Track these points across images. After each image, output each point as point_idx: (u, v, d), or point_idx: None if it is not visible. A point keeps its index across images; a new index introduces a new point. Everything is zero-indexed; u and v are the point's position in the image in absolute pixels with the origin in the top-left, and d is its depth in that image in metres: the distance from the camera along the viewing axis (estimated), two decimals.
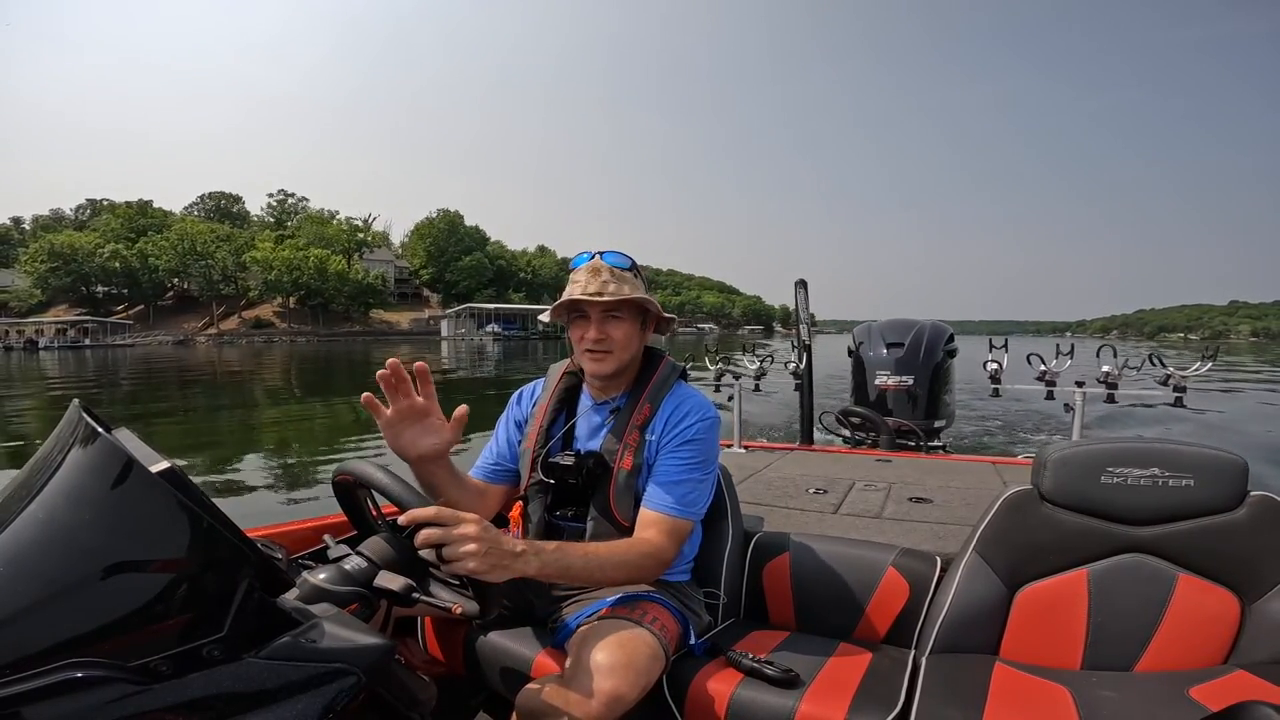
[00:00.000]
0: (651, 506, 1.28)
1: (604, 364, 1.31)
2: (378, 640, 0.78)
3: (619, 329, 1.30)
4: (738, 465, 2.83)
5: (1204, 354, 3.76)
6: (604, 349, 1.30)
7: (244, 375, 23.25)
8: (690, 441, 1.31)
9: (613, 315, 1.29)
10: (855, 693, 1.17)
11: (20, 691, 0.58)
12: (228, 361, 31.53)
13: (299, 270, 66.00)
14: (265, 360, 32.79)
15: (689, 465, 1.30)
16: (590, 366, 1.34)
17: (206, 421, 11.60)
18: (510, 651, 1.30)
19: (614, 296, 1.26)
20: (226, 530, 0.70)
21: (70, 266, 62.55)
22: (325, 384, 19.98)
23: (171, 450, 4.44)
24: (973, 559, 1.36)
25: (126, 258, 65.24)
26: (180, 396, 15.63)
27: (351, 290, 71.27)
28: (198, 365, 28.85)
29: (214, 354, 40.40)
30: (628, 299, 1.27)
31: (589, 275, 1.29)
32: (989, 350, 4.69)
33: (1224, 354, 7.05)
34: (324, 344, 55.80)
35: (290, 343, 59.10)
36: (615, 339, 1.30)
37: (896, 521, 1.96)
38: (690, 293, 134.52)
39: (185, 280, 70.97)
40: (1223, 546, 1.24)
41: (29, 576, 0.63)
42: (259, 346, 51.99)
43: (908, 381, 4.71)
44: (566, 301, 1.29)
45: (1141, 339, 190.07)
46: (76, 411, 0.78)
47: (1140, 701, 1.10)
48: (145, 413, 12.04)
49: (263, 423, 11.47)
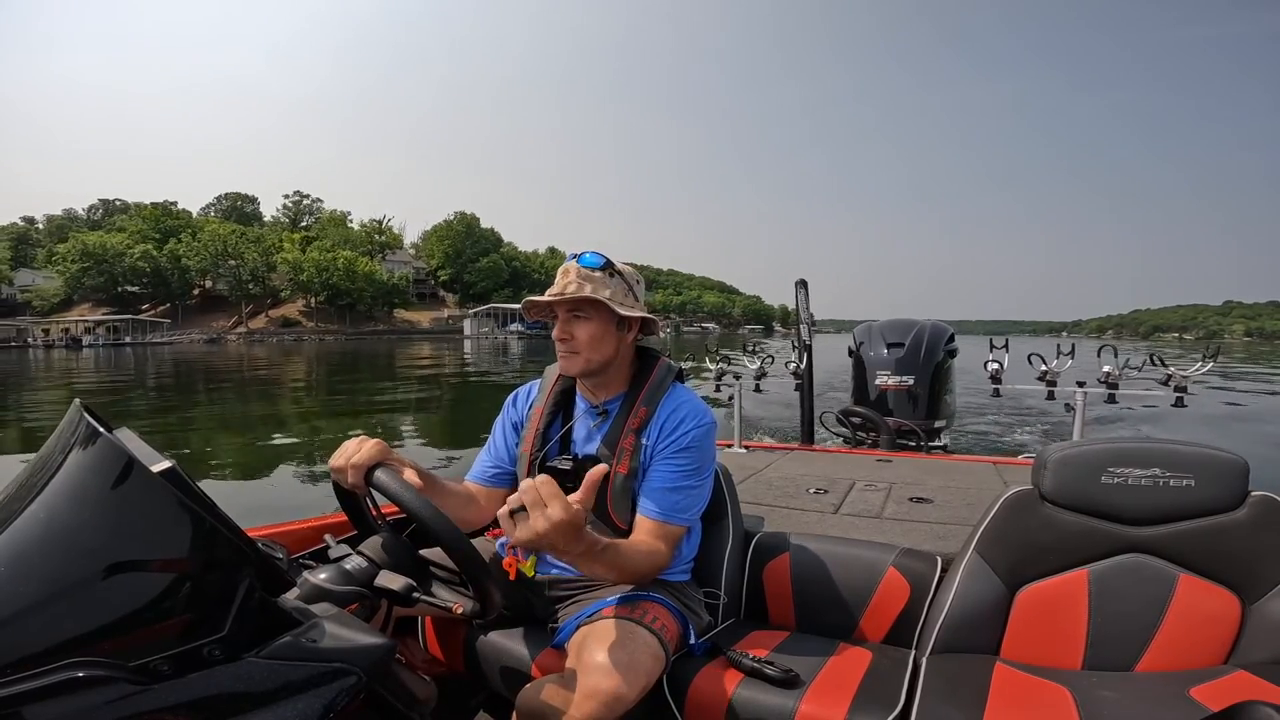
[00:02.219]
0: (648, 514, 1.29)
1: (570, 363, 1.33)
2: (378, 640, 0.78)
3: (584, 328, 1.30)
4: (738, 465, 2.83)
5: (1204, 354, 3.76)
6: (569, 349, 1.31)
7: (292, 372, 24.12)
8: (686, 449, 1.31)
9: (576, 315, 1.30)
10: (856, 693, 1.17)
11: (21, 691, 0.58)
12: (267, 359, 32.49)
13: (329, 271, 69.35)
14: (304, 357, 34.11)
15: (685, 472, 1.31)
16: (559, 364, 1.36)
17: (294, 416, 12.20)
18: (510, 651, 1.30)
19: (572, 295, 1.27)
20: (227, 530, 0.70)
21: (102, 266, 64.95)
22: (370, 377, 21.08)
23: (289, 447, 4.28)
24: (973, 559, 1.36)
25: (156, 258, 67.97)
26: (261, 395, 16.21)
27: (377, 290, 74.58)
28: (242, 362, 29.84)
29: (245, 351, 41.56)
30: (586, 298, 1.27)
31: (560, 276, 1.31)
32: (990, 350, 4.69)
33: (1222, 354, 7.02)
34: (351, 342, 58.03)
35: (319, 341, 61.34)
36: (579, 338, 1.30)
37: (897, 521, 1.96)
38: (691, 293, 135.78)
39: (215, 280, 73.72)
40: (1223, 547, 1.24)
41: (30, 576, 0.63)
42: (289, 345, 53.70)
43: (908, 381, 4.71)
44: (528, 302, 1.33)
45: (1137, 339, 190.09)
46: (77, 411, 0.78)
47: (1141, 702, 1.10)
48: (253, 413, 12.39)
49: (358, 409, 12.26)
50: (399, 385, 17.82)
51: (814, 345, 4.55)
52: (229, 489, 6.09)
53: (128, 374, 22.80)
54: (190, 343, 56.30)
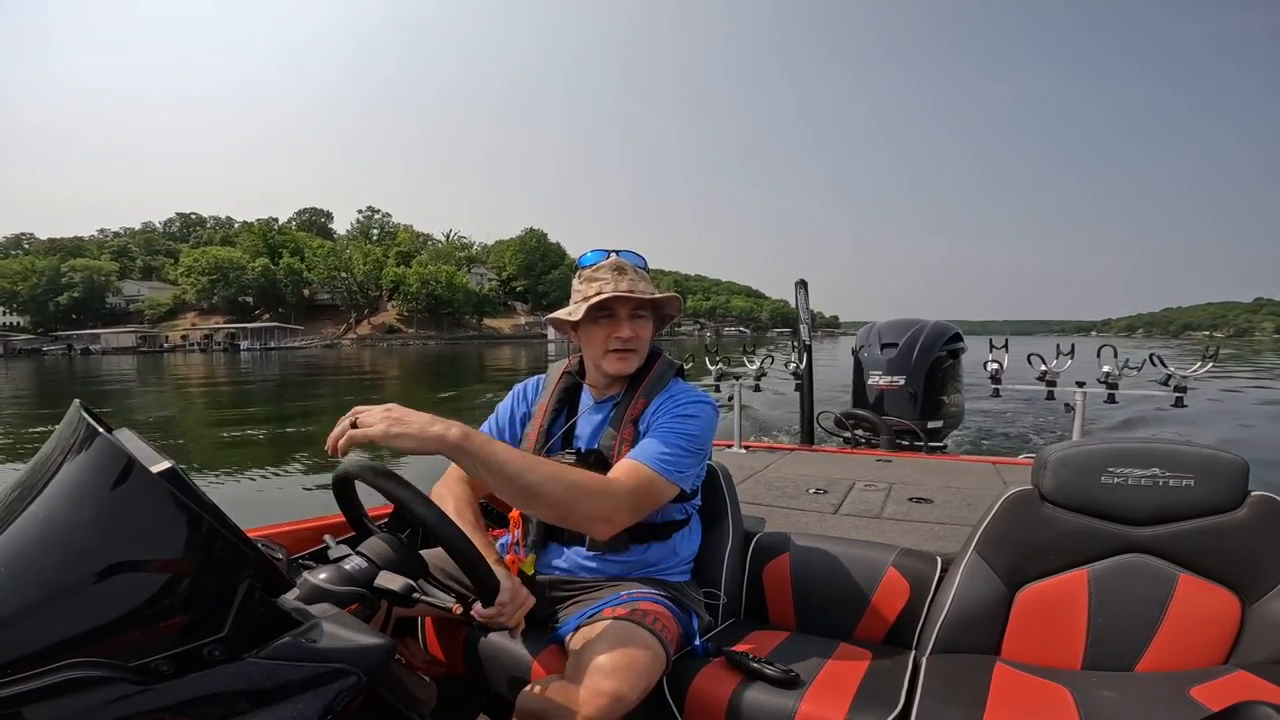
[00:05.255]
0: (630, 456, 1.19)
1: (628, 363, 1.32)
2: (378, 640, 0.78)
3: (645, 328, 1.31)
4: (738, 465, 2.83)
5: (1204, 353, 3.76)
6: (631, 348, 1.30)
7: (418, 371, 28.08)
8: (681, 416, 1.26)
9: (639, 314, 1.30)
10: (856, 693, 1.17)
11: (21, 691, 0.58)
12: (391, 361, 37.13)
13: (432, 283, 78.89)
14: (419, 359, 39.44)
15: (678, 433, 1.23)
16: (615, 366, 1.32)
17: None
18: (511, 652, 1.30)
19: (645, 295, 1.27)
20: (227, 530, 0.70)
21: (230, 278, 74.54)
22: (480, 373, 24.84)
23: None
24: (973, 559, 1.36)
25: (274, 270, 77.34)
26: (417, 385, 20.02)
27: (469, 300, 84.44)
28: (373, 364, 34.07)
29: (364, 355, 47.39)
30: (653, 298, 1.29)
31: (614, 273, 1.28)
32: (989, 350, 4.69)
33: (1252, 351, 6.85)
34: (449, 346, 64.85)
35: (423, 345, 67.50)
36: (641, 338, 1.31)
37: (897, 521, 1.96)
38: (719, 297, 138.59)
39: (330, 291, 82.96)
40: (1223, 546, 1.23)
41: (30, 576, 0.63)
42: (396, 349, 60.55)
43: (899, 381, 4.71)
44: (599, 300, 1.26)
45: (1167, 337, 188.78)
46: (77, 412, 0.78)
47: (1141, 702, 1.10)
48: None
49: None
50: (516, 374, 20.43)
51: (834, 348, 4.56)
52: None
53: (303, 372, 27.16)
54: (316, 348, 63.60)
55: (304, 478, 6.91)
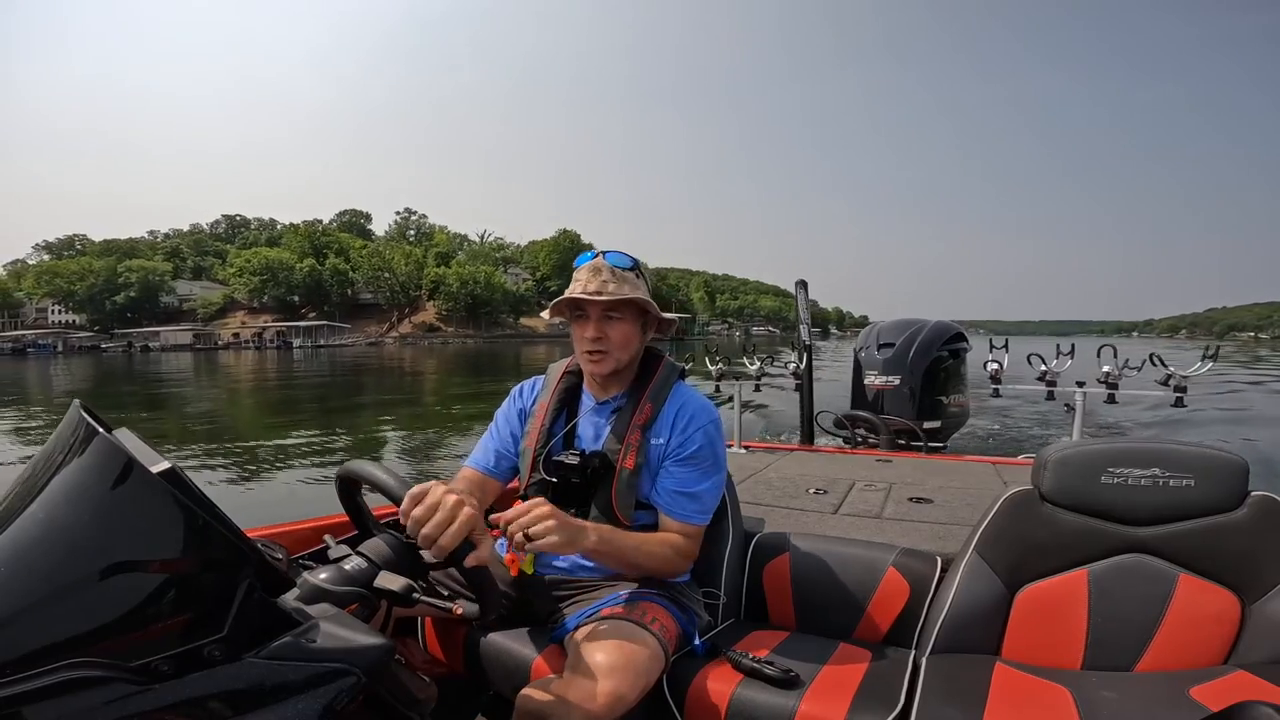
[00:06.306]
0: (677, 517, 1.33)
1: (601, 365, 1.32)
2: (378, 640, 0.78)
3: (617, 329, 1.30)
4: (738, 465, 2.83)
5: (1204, 353, 3.76)
6: (601, 349, 1.30)
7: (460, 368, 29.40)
8: (700, 449, 1.33)
9: (611, 315, 1.29)
10: (855, 693, 1.17)
11: (21, 691, 0.58)
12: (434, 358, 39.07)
13: (472, 283, 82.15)
14: (461, 357, 41.44)
15: (703, 472, 1.34)
16: (588, 367, 1.35)
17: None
18: (510, 652, 1.30)
19: (612, 296, 1.26)
20: (227, 530, 0.70)
21: (280, 277, 78.15)
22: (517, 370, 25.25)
23: None
24: (973, 559, 1.36)
25: (320, 271, 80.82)
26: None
27: (509, 299, 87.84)
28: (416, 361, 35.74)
29: (407, 353, 49.08)
30: (626, 299, 1.27)
31: (590, 274, 1.29)
32: (989, 350, 4.69)
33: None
34: (487, 344, 67.39)
35: (462, 343, 69.85)
36: (613, 339, 1.30)
37: (897, 521, 1.96)
38: (748, 297, 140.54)
39: (374, 291, 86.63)
40: (1223, 546, 1.24)
41: (29, 576, 0.63)
42: (437, 347, 62.92)
43: (893, 381, 4.72)
44: (567, 300, 1.30)
45: (1211, 338, 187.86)
46: (77, 412, 0.78)
47: (1141, 701, 1.10)
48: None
49: None
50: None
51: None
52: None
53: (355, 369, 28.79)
54: (361, 345, 66.59)
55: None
